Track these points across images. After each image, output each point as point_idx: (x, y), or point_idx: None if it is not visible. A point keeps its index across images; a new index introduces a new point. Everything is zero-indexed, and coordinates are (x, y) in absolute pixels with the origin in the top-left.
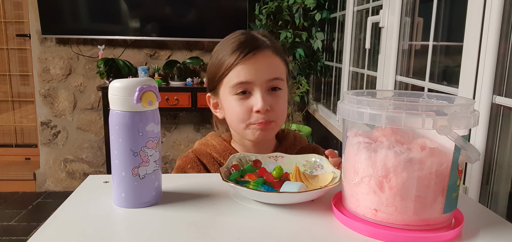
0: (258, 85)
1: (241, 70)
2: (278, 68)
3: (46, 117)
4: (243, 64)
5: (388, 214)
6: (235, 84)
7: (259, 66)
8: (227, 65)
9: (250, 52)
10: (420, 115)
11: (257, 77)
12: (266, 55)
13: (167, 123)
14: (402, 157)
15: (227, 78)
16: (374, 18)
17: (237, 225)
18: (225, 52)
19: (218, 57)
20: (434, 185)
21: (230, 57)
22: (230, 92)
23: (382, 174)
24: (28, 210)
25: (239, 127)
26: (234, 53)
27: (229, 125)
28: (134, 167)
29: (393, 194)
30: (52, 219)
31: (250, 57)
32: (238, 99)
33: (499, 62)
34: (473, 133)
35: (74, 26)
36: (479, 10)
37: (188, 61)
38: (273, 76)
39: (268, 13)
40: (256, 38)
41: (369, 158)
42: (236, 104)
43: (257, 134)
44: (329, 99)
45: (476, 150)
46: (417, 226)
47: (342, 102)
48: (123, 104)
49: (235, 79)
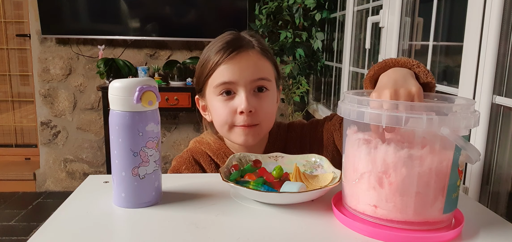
0: (242, 86)
1: (224, 70)
2: (264, 69)
3: (46, 117)
4: (226, 64)
5: (388, 210)
6: (219, 84)
7: (243, 66)
8: (212, 65)
9: (233, 52)
10: (421, 116)
11: (240, 77)
12: (251, 55)
13: (167, 123)
14: (402, 153)
15: (211, 78)
16: (374, 18)
17: (237, 225)
18: (210, 52)
19: (204, 58)
20: (434, 183)
21: (215, 57)
22: (214, 93)
23: (381, 169)
24: (28, 210)
25: (223, 129)
26: (218, 53)
27: (216, 127)
28: (134, 167)
29: (393, 190)
30: (52, 219)
31: (233, 57)
32: (222, 100)
33: (499, 62)
34: (473, 133)
35: (74, 26)
36: (479, 10)
37: (188, 61)
38: (258, 77)
39: (268, 13)
40: (242, 38)
41: (368, 154)
42: (220, 106)
43: (241, 139)
44: (329, 99)
45: (477, 150)
46: (416, 225)
47: (343, 102)
48: (123, 104)
49: (219, 79)
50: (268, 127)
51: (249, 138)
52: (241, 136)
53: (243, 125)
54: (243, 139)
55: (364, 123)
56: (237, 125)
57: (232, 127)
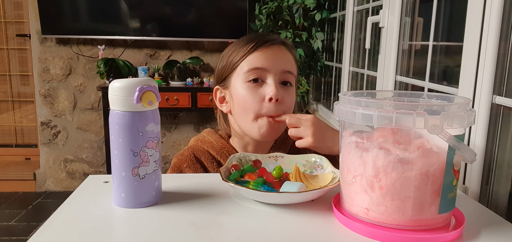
0: (272, 74)
1: (256, 57)
2: (291, 63)
3: (46, 117)
4: (258, 52)
5: (379, 213)
6: (249, 70)
7: (276, 55)
8: (244, 53)
9: (266, 43)
10: (411, 115)
11: (272, 65)
12: (280, 48)
13: (167, 123)
14: (392, 157)
15: (240, 66)
16: (374, 18)
17: (237, 225)
18: (239, 45)
19: (230, 50)
20: (425, 186)
21: (244, 48)
22: (243, 79)
23: (372, 173)
24: (28, 210)
25: (247, 119)
26: (249, 44)
27: (235, 118)
28: (134, 167)
29: (383, 194)
30: (52, 219)
31: (266, 46)
32: (250, 87)
33: (499, 62)
34: (473, 133)
35: (74, 26)
36: (479, 10)
37: (188, 61)
38: (287, 69)
39: (268, 13)
40: (268, 34)
41: (360, 157)
42: (248, 93)
43: (264, 130)
44: (329, 99)
45: (470, 150)
46: (408, 227)
47: (338, 103)
48: (123, 104)
49: (251, 65)
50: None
51: (271, 131)
52: (265, 127)
53: (269, 113)
54: (266, 129)
55: (358, 124)
56: (263, 113)
57: (257, 116)
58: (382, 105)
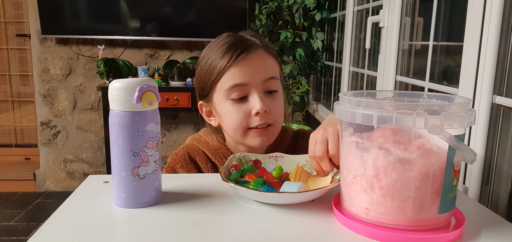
0: (254, 87)
1: (235, 73)
2: (272, 68)
3: (46, 117)
4: (236, 66)
5: (379, 213)
6: (230, 88)
7: (254, 67)
8: (220, 69)
9: (242, 53)
10: (411, 115)
11: (252, 78)
12: (259, 55)
13: (167, 123)
14: (392, 158)
15: (220, 83)
16: (374, 18)
17: (237, 225)
18: (215, 56)
19: (207, 62)
20: (425, 186)
21: (222, 60)
22: (224, 97)
23: (372, 173)
24: (28, 210)
25: (237, 134)
26: (225, 55)
27: (226, 132)
28: (134, 167)
29: (383, 194)
30: (52, 219)
31: (243, 58)
32: (234, 104)
33: (499, 62)
34: (473, 133)
35: (74, 26)
36: (479, 10)
37: (188, 61)
38: (269, 76)
39: (268, 13)
40: (246, 39)
41: (360, 157)
42: (233, 110)
43: (257, 141)
44: (329, 99)
45: (470, 150)
46: (408, 227)
47: (338, 103)
48: (123, 104)
49: (230, 82)
50: (279, 127)
51: (264, 139)
52: (257, 138)
53: (258, 126)
54: (259, 140)
55: (359, 124)
56: (252, 127)
57: (246, 130)
58: (382, 106)
